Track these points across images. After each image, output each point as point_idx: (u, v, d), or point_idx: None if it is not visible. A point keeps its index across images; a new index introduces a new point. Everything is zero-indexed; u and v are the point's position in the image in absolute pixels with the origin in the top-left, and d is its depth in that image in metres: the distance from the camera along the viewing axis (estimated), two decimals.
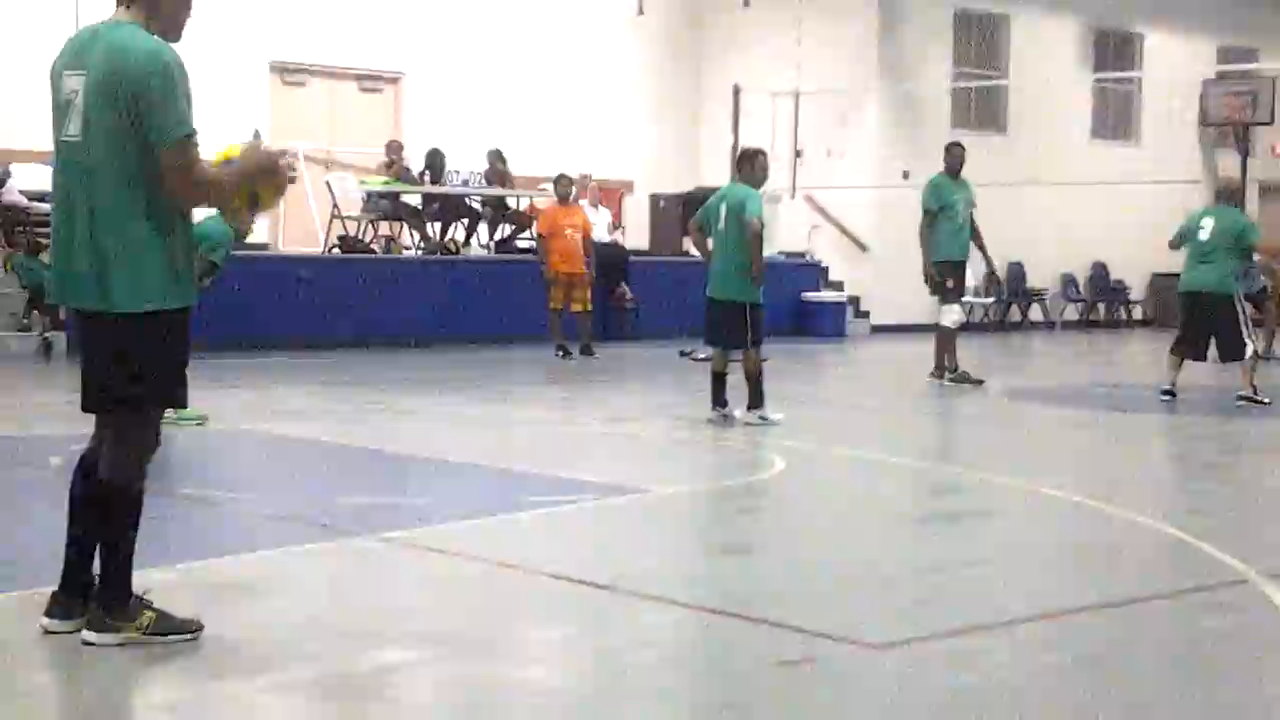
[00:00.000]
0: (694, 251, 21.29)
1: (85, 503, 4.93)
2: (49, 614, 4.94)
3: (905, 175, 21.29)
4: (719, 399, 10.93)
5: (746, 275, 10.62)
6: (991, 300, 23.37)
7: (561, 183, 17.13)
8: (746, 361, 10.81)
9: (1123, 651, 5.09)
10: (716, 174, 21.41)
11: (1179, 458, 10.53)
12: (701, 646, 5.15)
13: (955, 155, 14.23)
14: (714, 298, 10.86)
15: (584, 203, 18.33)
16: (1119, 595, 5.82)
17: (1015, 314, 24.34)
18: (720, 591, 5.87)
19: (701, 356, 16.01)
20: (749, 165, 10.99)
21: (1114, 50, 26.06)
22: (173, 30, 4.90)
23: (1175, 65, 26.06)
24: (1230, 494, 8.70)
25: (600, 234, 19.08)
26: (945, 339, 13.99)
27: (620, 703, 4.52)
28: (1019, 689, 4.61)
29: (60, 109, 4.80)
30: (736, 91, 19.57)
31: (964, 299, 14.58)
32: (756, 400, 10.81)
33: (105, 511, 4.86)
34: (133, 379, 4.81)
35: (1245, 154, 26.45)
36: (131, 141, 4.68)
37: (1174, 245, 13.20)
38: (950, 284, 13.84)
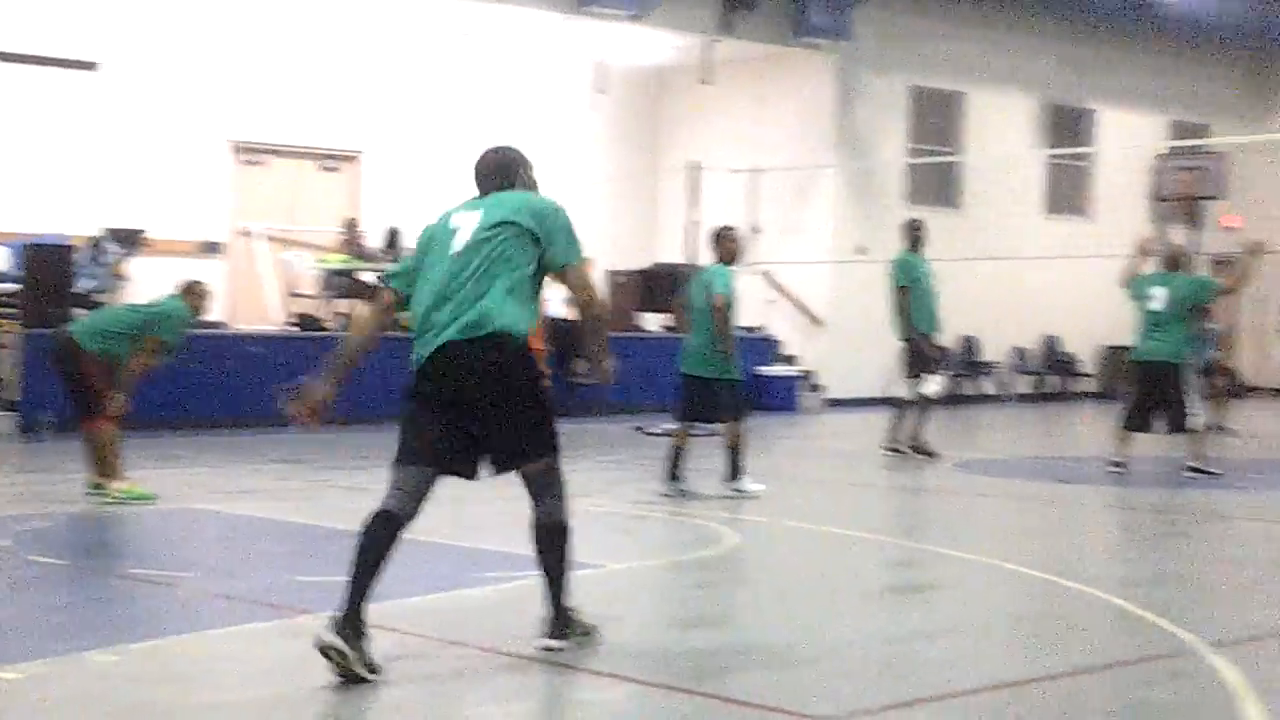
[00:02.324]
0: (651, 328, 21.44)
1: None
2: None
3: (861, 250, 21.45)
4: (675, 474, 10.99)
5: (717, 351, 10.80)
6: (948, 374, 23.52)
7: None
8: (729, 434, 10.96)
9: None
10: (675, 250, 21.56)
11: (1127, 529, 10.59)
12: None
13: (918, 230, 14.30)
14: (687, 374, 11.05)
15: None
16: (1068, 666, 5.85)
17: (968, 387, 24.48)
18: (673, 666, 5.87)
19: (659, 432, 16.04)
20: (717, 244, 11.31)
21: (1068, 126, 26.39)
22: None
23: (1127, 141, 26.42)
24: (1178, 565, 8.74)
25: (556, 309, 19.14)
26: (922, 410, 13.99)
27: None
28: None
29: None
30: (694, 168, 19.74)
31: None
32: (735, 472, 10.93)
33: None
34: None
35: (1196, 228, 26.76)
36: None
37: (1123, 283, 13.30)
38: (928, 356, 13.94)
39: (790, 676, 5.76)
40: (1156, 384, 12.78)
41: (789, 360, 22.31)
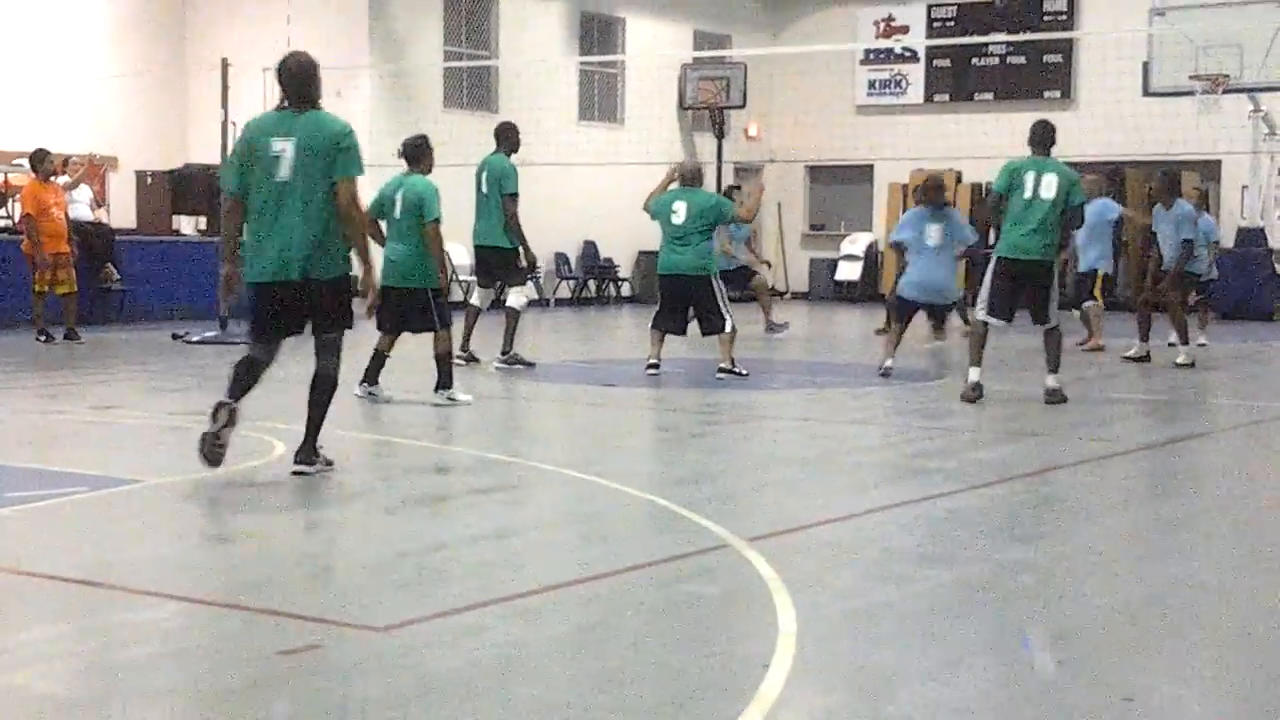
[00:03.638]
0: (185, 230, 20.72)
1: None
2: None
3: (399, 153, 21.27)
4: (373, 378, 11.24)
5: (427, 264, 11.06)
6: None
7: (48, 159, 16.32)
8: (438, 343, 11.12)
9: (615, 619, 5.31)
10: (206, 150, 20.84)
11: (668, 430, 10.98)
12: (199, 640, 5.03)
13: (517, 135, 14.04)
14: (394, 286, 11.06)
15: (62, 179, 17.53)
16: (613, 565, 6.05)
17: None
18: (218, 582, 5.76)
19: (197, 339, 15.61)
20: (421, 155, 11.44)
21: (599, 34, 26.90)
22: None
23: (655, 50, 27.17)
24: (715, 464, 9.14)
25: (83, 212, 18.28)
26: (513, 320, 13.91)
27: (116, 703, 4.37)
28: (518, 661, 4.74)
29: None
30: (225, 66, 19.08)
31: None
32: (447, 381, 11.10)
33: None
34: None
35: (720, 136, 27.86)
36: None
37: (646, 206, 13.65)
38: (525, 267, 13.89)
39: (343, 588, 5.75)
40: (684, 294, 13.28)
41: None
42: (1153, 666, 4.83)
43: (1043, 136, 11.82)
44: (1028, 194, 11.52)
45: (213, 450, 7.56)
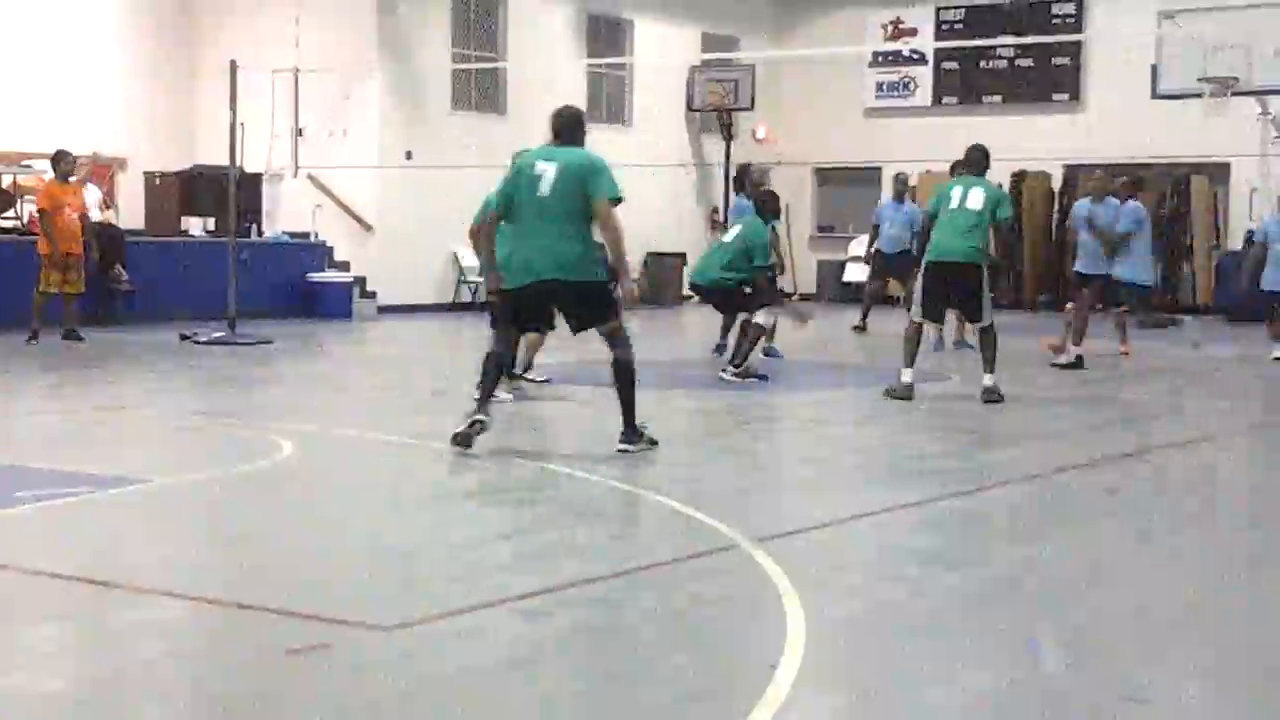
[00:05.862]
0: (194, 232, 20.75)
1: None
2: None
3: (408, 155, 21.31)
4: (520, 374, 11.58)
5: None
6: None
7: (66, 159, 16.32)
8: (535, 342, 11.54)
9: (623, 619, 5.32)
10: (215, 151, 20.85)
11: (674, 430, 10.93)
12: (209, 639, 5.05)
13: None
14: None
15: (71, 179, 17.55)
16: (621, 565, 6.05)
17: None
18: (227, 581, 5.77)
19: (205, 339, 15.63)
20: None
21: (606, 36, 26.88)
22: None
23: (663, 52, 27.13)
24: (720, 464, 9.15)
25: (91, 212, 18.30)
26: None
27: (124, 702, 4.39)
28: (524, 660, 4.74)
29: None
30: (234, 67, 19.13)
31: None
32: (528, 367, 11.65)
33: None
34: None
35: (729, 138, 27.85)
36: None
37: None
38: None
39: (350, 587, 5.75)
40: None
41: (342, 267, 22.07)
42: (1160, 667, 4.83)
43: (975, 159, 12.37)
44: (954, 205, 11.91)
45: (466, 438, 8.62)
